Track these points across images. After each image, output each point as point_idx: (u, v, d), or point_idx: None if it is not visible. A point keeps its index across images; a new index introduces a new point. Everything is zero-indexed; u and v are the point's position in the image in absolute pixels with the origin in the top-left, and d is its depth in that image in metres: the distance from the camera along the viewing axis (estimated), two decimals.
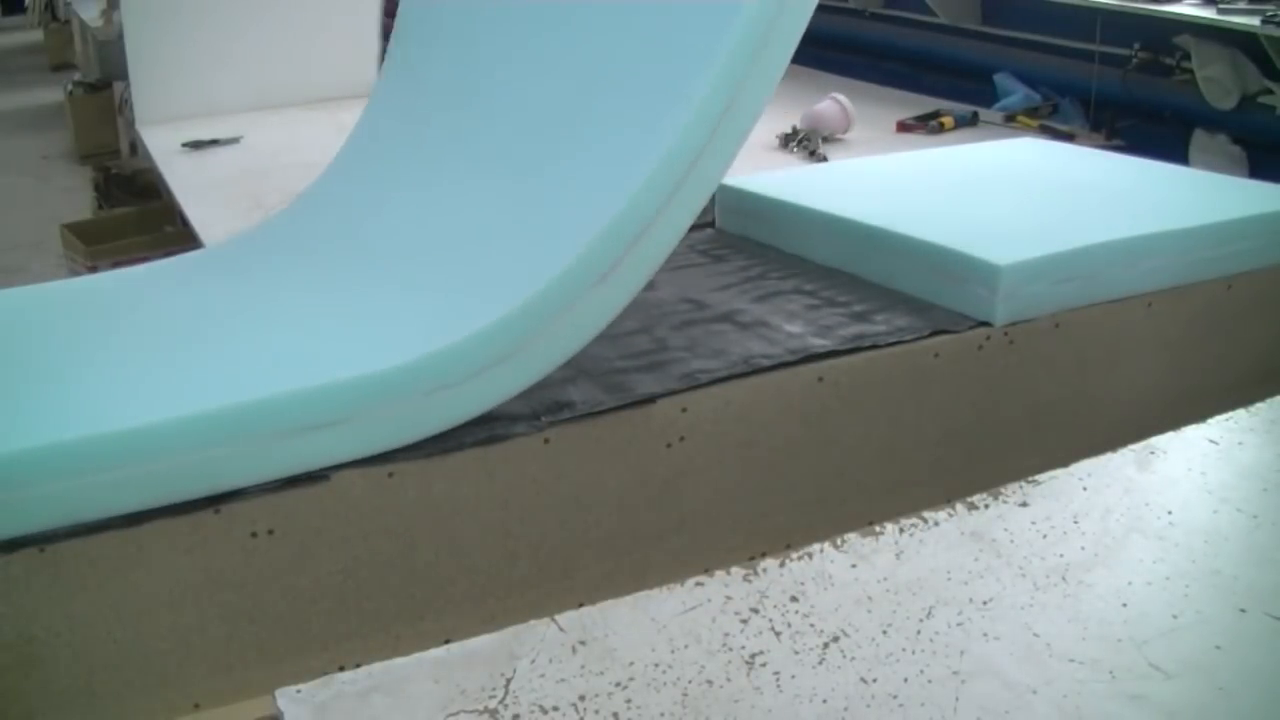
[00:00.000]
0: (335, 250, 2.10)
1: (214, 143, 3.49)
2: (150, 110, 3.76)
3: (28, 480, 1.47)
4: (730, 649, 1.19)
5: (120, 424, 1.52)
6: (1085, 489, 1.48)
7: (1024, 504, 1.45)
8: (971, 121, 3.54)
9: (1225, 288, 2.30)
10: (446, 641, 1.24)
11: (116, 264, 3.33)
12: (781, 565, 1.32)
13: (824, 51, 4.86)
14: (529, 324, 1.69)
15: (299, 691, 1.13)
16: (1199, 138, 3.96)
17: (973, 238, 2.14)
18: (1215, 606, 1.25)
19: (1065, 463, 1.54)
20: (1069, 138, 3.78)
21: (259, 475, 1.58)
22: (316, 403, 1.60)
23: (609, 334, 1.81)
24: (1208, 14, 3.71)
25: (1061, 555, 1.34)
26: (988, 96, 3.81)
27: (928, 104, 3.70)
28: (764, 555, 1.35)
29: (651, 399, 1.80)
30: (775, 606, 1.25)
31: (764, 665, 1.16)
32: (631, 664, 1.17)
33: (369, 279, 1.96)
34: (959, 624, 1.22)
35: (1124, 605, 1.25)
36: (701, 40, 1.70)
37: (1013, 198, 2.45)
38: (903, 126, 3.47)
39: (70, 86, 6.99)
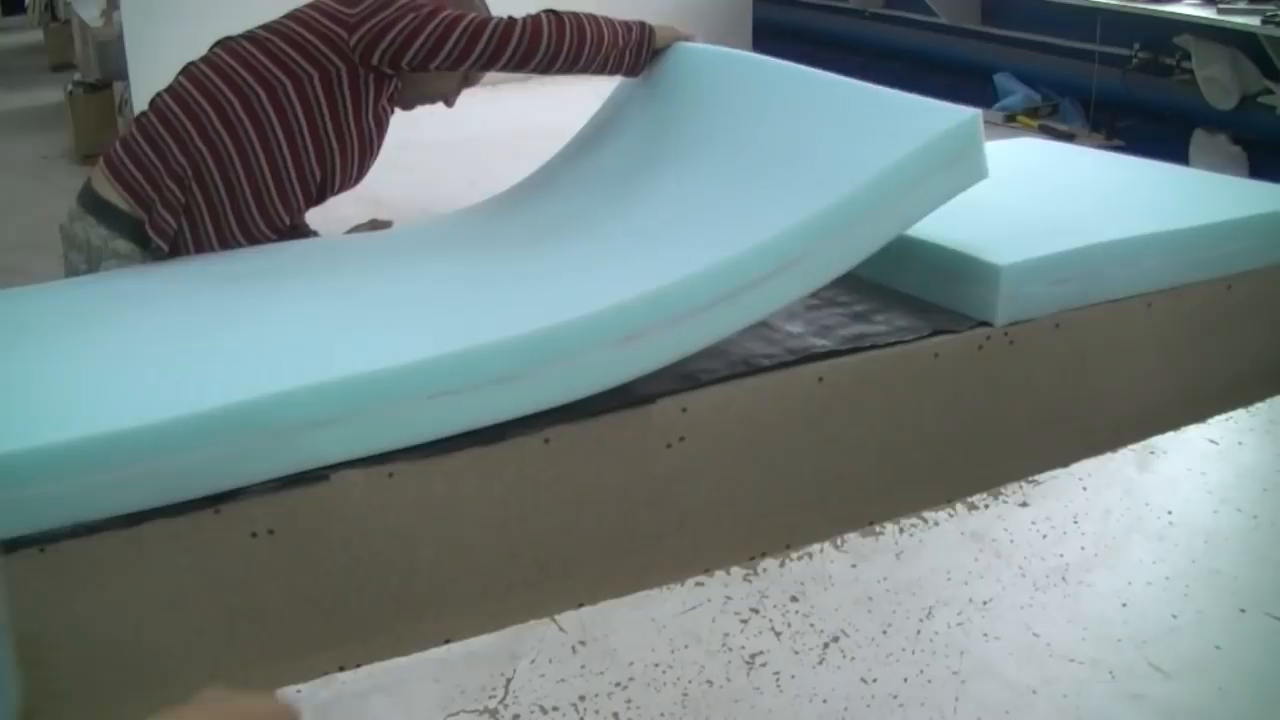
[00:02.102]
0: (363, 259, 2.12)
1: None
2: None
3: (28, 480, 1.47)
4: (730, 649, 1.19)
5: (120, 424, 1.52)
6: (1085, 489, 1.48)
7: (1024, 504, 1.45)
8: None
9: (1225, 288, 2.30)
10: (446, 641, 1.24)
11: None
12: (781, 565, 1.32)
13: (824, 51, 4.86)
14: (535, 354, 1.70)
15: (299, 691, 1.13)
16: (1199, 138, 3.96)
17: (973, 238, 2.14)
18: (1215, 606, 1.25)
19: (1065, 463, 1.54)
20: (1069, 138, 3.78)
21: (259, 475, 1.59)
22: (316, 400, 1.60)
23: None
24: (1208, 14, 3.72)
25: (1061, 555, 1.34)
26: (988, 96, 3.82)
27: None
28: (764, 555, 1.35)
29: (651, 399, 1.80)
30: (775, 606, 1.25)
31: (764, 665, 1.16)
32: (631, 664, 1.17)
33: (390, 289, 1.96)
34: (959, 624, 1.22)
35: (1124, 605, 1.25)
36: (801, 198, 1.89)
37: (1013, 198, 2.45)
38: None
39: (70, 86, 6.98)
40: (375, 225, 2.40)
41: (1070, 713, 1.10)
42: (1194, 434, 1.62)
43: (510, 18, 2.14)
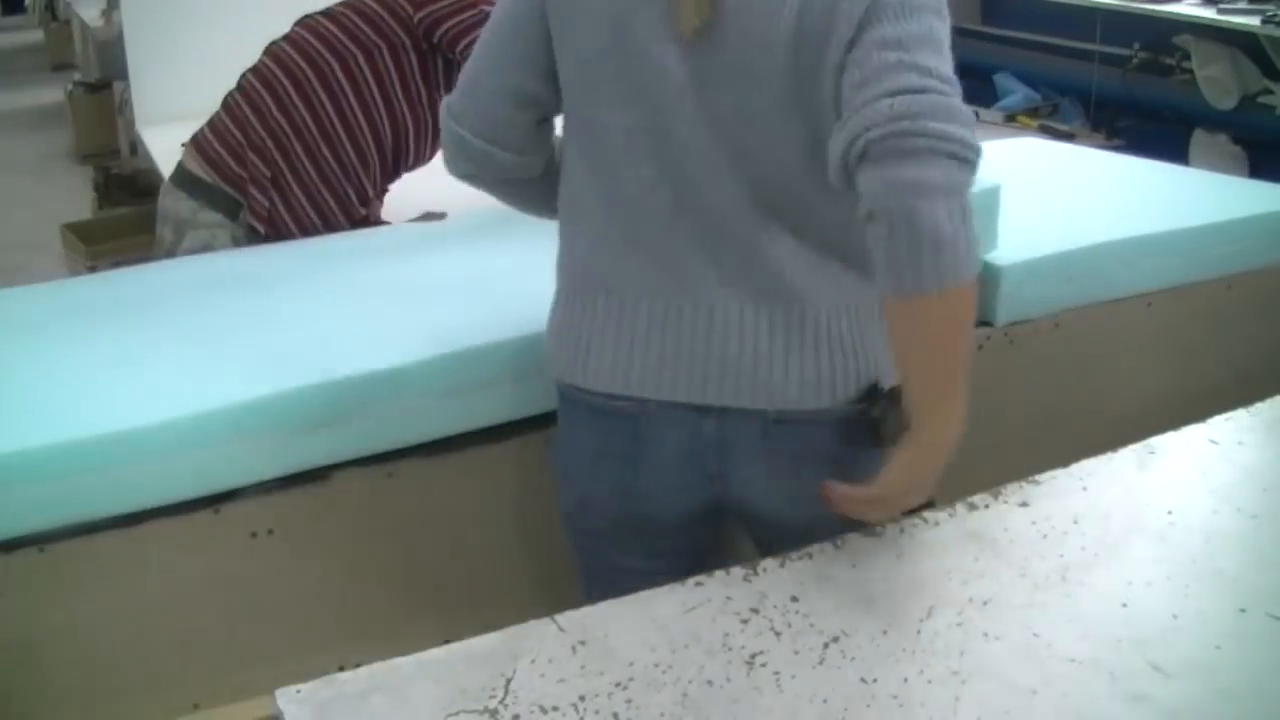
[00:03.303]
0: (365, 259, 2.12)
1: None
2: (150, 110, 3.75)
3: (28, 480, 1.47)
4: (730, 649, 1.19)
5: (120, 424, 1.52)
6: (1085, 489, 1.48)
7: (1024, 504, 1.45)
8: None
9: (1225, 287, 2.30)
10: (446, 641, 1.23)
11: (116, 264, 3.32)
12: (781, 565, 1.32)
13: None
14: (533, 356, 1.68)
15: (299, 691, 1.13)
16: (1199, 138, 3.97)
17: None
18: (1215, 606, 1.25)
19: (1065, 463, 1.54)
20: (1069, 138, 3.79)
21: (259, 475, 1.59)
22: (316, 400, 1.60)
23: None
24: (1208, 14, 3.72)
25: (1061, 555, 1.34)
26: (988, 96, 3.81)
27: None
28: (764, 555, 1.35)
29: None
30: (775, 606, 1.25)
31: (764, 665, 1.16)
32: (631, 664, 1.17)
33: (392, 288, 1.96)
34: (959, 624, 1.22)
35: (1124, 605, 1.25)
36: None
37: (1013, 198, 2.45)
38: None
39: (70, 86, 6.98)
40: (429, 217, 2.42)
41: (1070, 713, 1.10)
42: (1194, 434, 1.62)
43: None
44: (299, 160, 2.23)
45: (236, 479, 1.57)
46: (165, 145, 3.47)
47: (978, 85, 4.14)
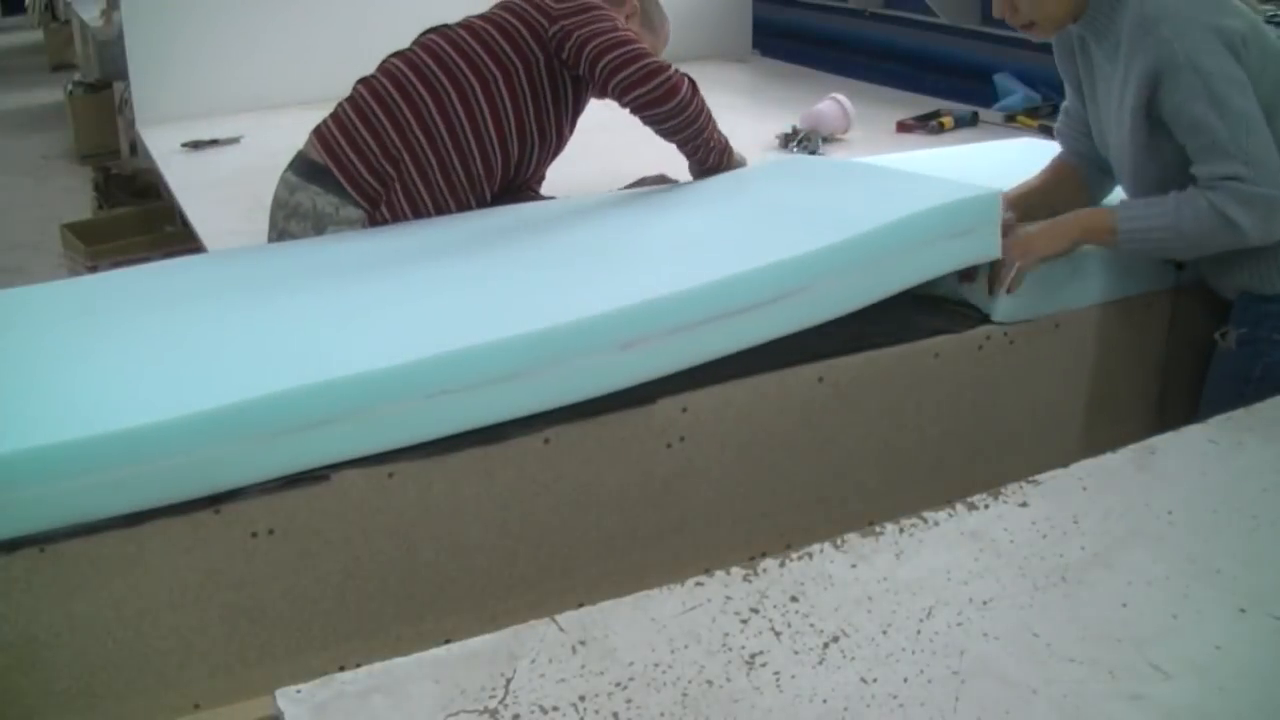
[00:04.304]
0: (365, 259, 2.12)
1: (214, 143, 3.49)
2: (150, 110, 3.76)
3: (28, 480, 1.47)
4: (730, 649, 1.19)
5: (120, 424, 1.52)
6: (1085, 489, 1.48)
7: (1024, 504, 1.45)
8: (971, 121, 3.54)
9: None
10: (446, 641, 1.24)
11: (116, 264, 3.33)
12: (781, 565, 1.32)
13: (824, 51, 4.85)
14: (533, 355, 1.71)
15: (299, 691, 1.13)
16: None
17: None
18: (1215, 606, 1.25)
19: (1065, 463, 1.54)
20: None
21: (259, 475, 1.59)
22: (316, 400, 1.60)
23: None
24: None
25: (1061, 555, 1.34)
26: (988, 96, 3.81)
27: (928, 104, 3.70)
28: (764, 555, 1.35)
29: (651, 399, 1.80)
30: (775, 606, 1.25)
31: (764, 665, 1.16)
32: (631, 664, 1.17)
33: (392, 288, 1.97)
34: (959, 624, 1.22)
35: (1124, 605, 1.25)
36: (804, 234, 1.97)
37: None
38: (903, 126, 3.46)
39: (70, 86, 6.99)
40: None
41: (1070, 713, 1.10)
42: (1194, 434, 1.62)
43: (664, 64, 2.24)
44: (434, 173, 2.27)
45: (236, 479, 1.57)
46: (165, 145, 3.48)
47: (978, 85, 4.13)
